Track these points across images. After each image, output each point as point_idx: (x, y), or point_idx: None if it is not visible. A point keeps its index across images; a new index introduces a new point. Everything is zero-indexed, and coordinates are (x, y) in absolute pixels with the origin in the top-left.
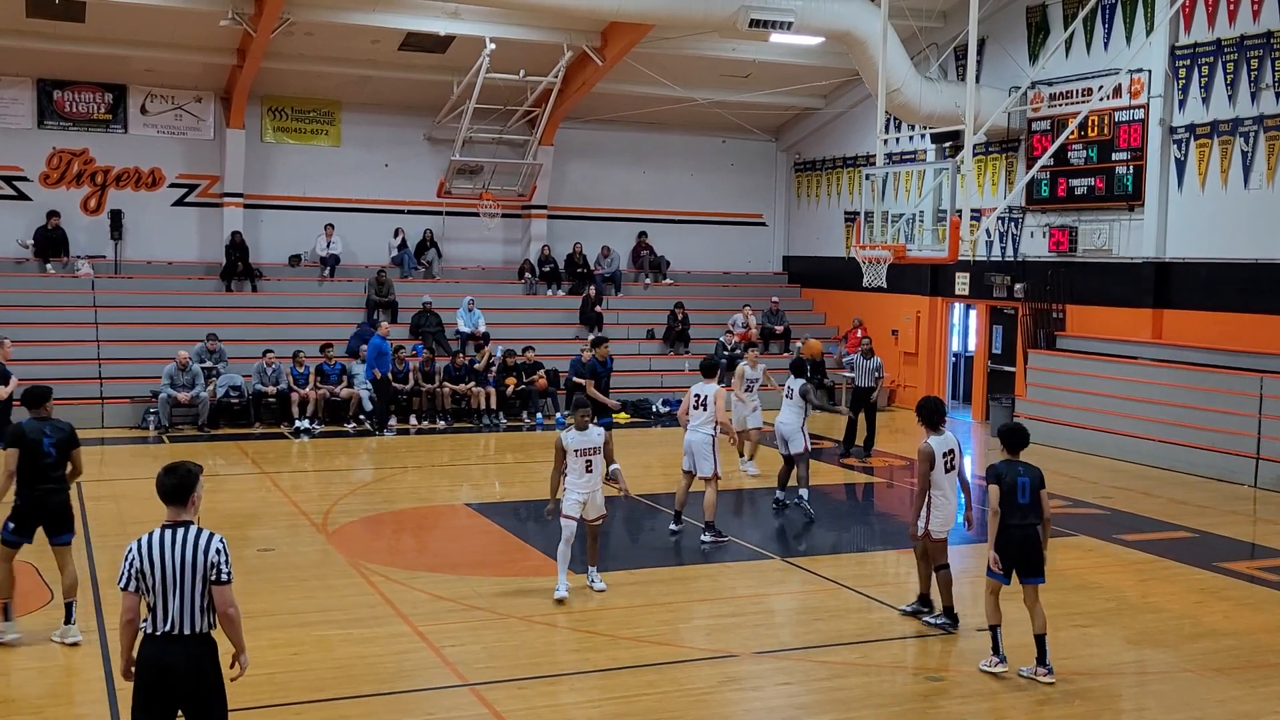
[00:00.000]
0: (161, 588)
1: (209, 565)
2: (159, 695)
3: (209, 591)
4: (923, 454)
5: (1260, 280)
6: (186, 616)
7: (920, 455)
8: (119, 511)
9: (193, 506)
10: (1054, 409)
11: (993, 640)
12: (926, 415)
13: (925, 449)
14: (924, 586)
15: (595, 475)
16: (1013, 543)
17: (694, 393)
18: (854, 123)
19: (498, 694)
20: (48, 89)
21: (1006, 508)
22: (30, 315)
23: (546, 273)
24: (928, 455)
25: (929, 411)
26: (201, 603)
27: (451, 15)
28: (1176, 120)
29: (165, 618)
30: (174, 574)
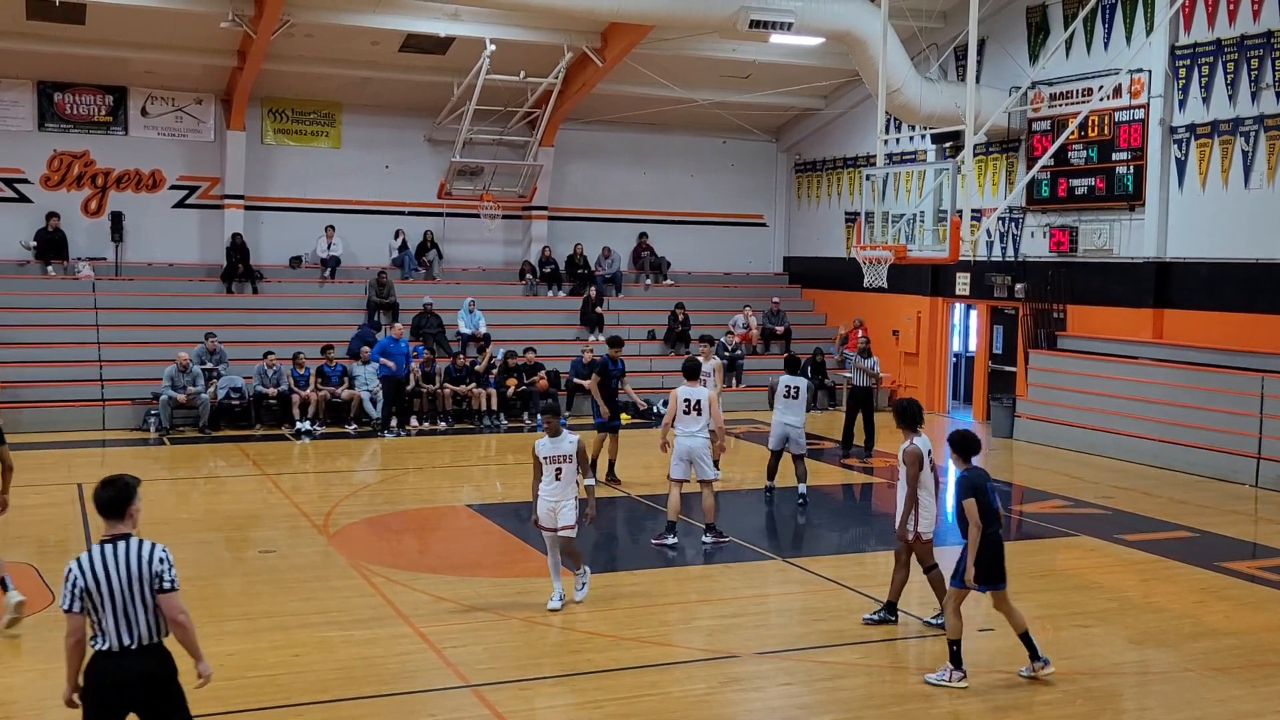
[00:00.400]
0: (110, 603)
1: (154, 575)
2: (115, 710)
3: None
4: (912, 455)
5: (1261, 280)
6: (139, 629)
7: (909, 457)
8: None
9: (131, 519)
10: (1055, 409)
11: (953, 654)
12: (908, 417)
13: (914, 450)
14: (895, 594)
15: (564, 485)
16: (993, 551)
17: (683, 397)
18: (854, 123)
19: (500, 695)
20: (48, 91)
21: (986, 517)
22: (31, 318)
23: (547, 274)
24: (917, 456)
25: (910, 413)
26: (152, 614)
27: (452, 17)
28: (1177, 120)
29: (117, 633)
30: (122, 588)
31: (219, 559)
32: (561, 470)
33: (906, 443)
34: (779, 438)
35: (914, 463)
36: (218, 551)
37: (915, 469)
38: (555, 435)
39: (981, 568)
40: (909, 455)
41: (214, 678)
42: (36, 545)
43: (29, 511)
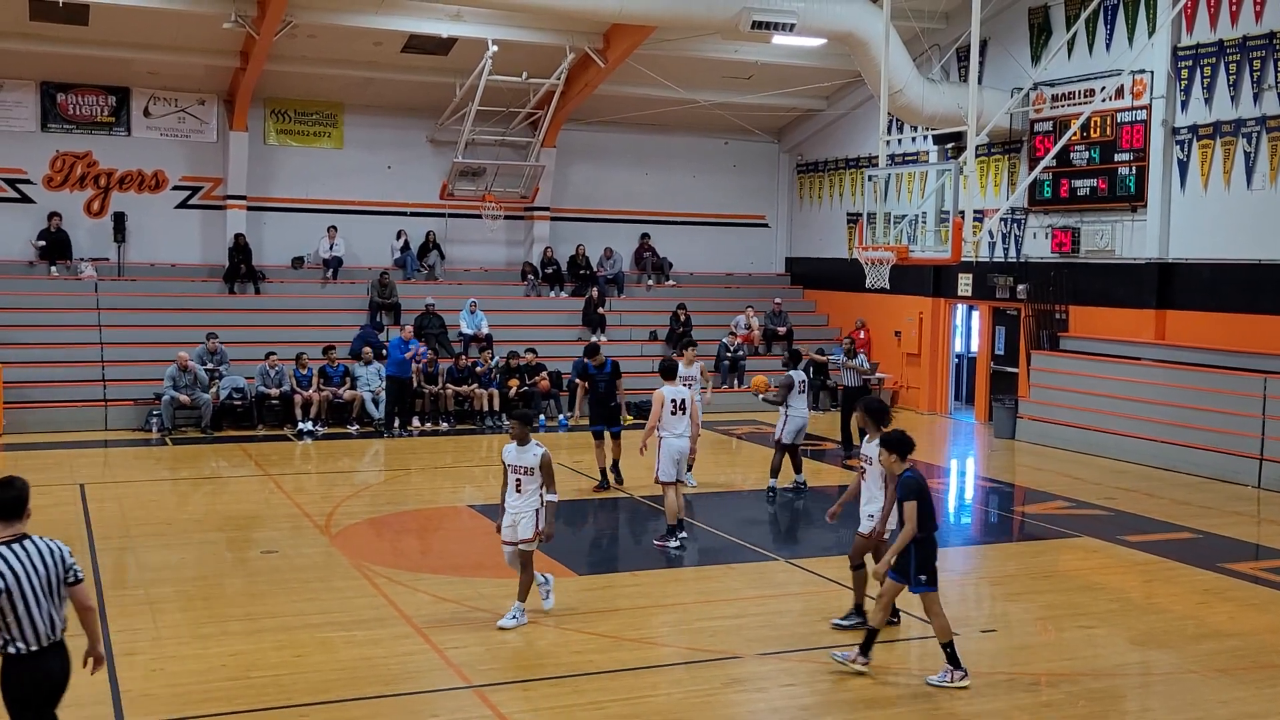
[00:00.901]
0: (25, 604)
1: (66, 569)
2: (34, 709)
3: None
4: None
5: (1263, 281)
6: (52, 626)
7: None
8: (122, 513)
9: (28, 518)
10: (1057, 410)
11: (949, 655)
12: (879, 416)
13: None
14: (861, 597)
15: (525, 497)
16: (932, 553)
17: (670, 398)
18: (856, 124)
19: (502, 696)
20: (51, 92)
21: (927, 518)
22: (34, 318)
23: (549, 274)
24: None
25: (883, 412)
26: (59, 610)
27: (454, 17)
28: (1179, 121)
29: (35, 632)
30: (40, 586)
31: (221, 559)
32: (521, 481)
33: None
34: (797, 431)
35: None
36: (220, 552)
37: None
38: (522, 443)
39: (928, 568)
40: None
41: (217, 678)
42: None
43: (32, 511)
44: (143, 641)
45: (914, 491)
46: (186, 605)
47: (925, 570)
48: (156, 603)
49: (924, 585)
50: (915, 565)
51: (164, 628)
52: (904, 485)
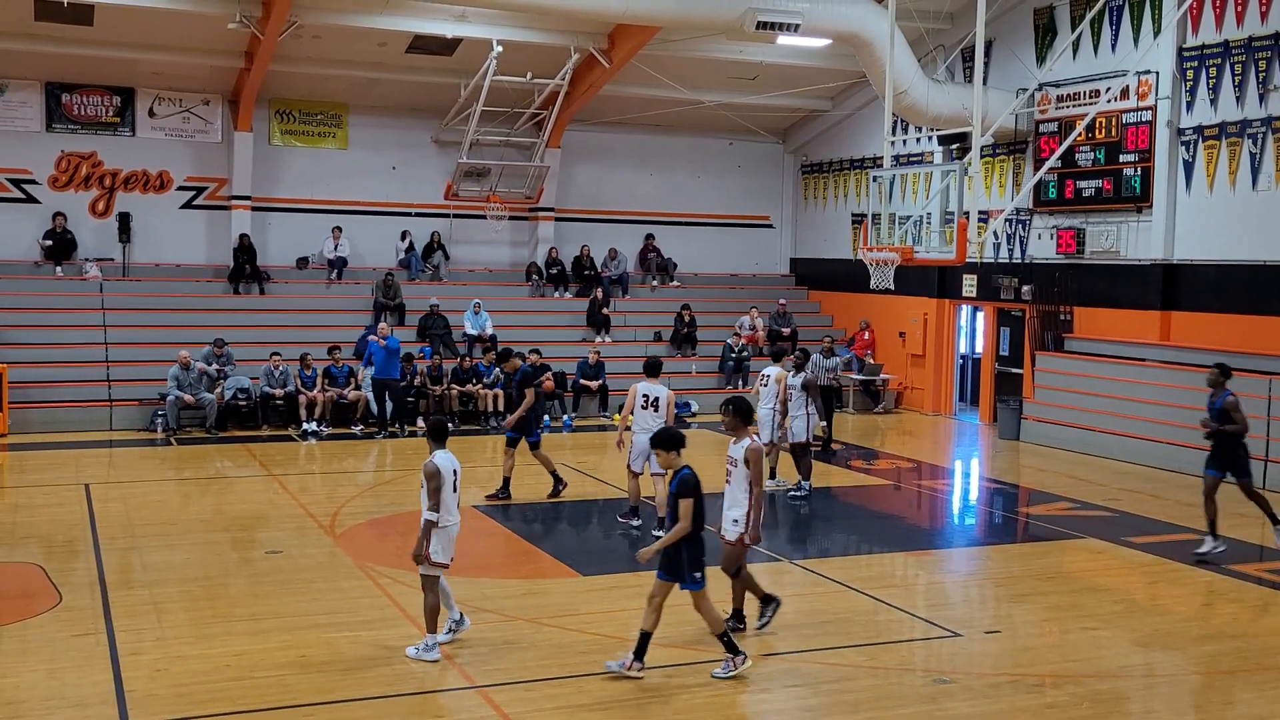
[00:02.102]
0: None
1: None
2: None
3: None
4: (758, 453)
5: (1268, 282)
6: None
7: (756, 455)
8: (127, 513)
9: None
10: (1062, 411)
11: (642, 645)
12: (744, 414)
13: (759, 447)
14: (740, 600)
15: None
16: (702, 550)
17: (643, 393)
18: (861, 125)
19: (505, 696)
20: (56, 92)
21: (700, 515)
22: (39, 318)
23: (554, 275)
24: (762, 454)
25: (747, 412)
26: None
27: (459, 18)
28: (1184, 122)
29: None
30: None
31: (226, 559)
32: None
33: (748, 440)
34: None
35: (761, 462)
36: (225, 552)
37: (761, 465)
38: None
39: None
40: (757, 454)
41: (222, 678)
42: (44, 545)
43: (37, 511)
44: (147, 641)
45: (690, 489)
46: (191, 605)
47: (699, 568)
48: (161, 603)
49: (697, 583)
50: (688, 562)
51: (169, 628)
52: (681, 482)
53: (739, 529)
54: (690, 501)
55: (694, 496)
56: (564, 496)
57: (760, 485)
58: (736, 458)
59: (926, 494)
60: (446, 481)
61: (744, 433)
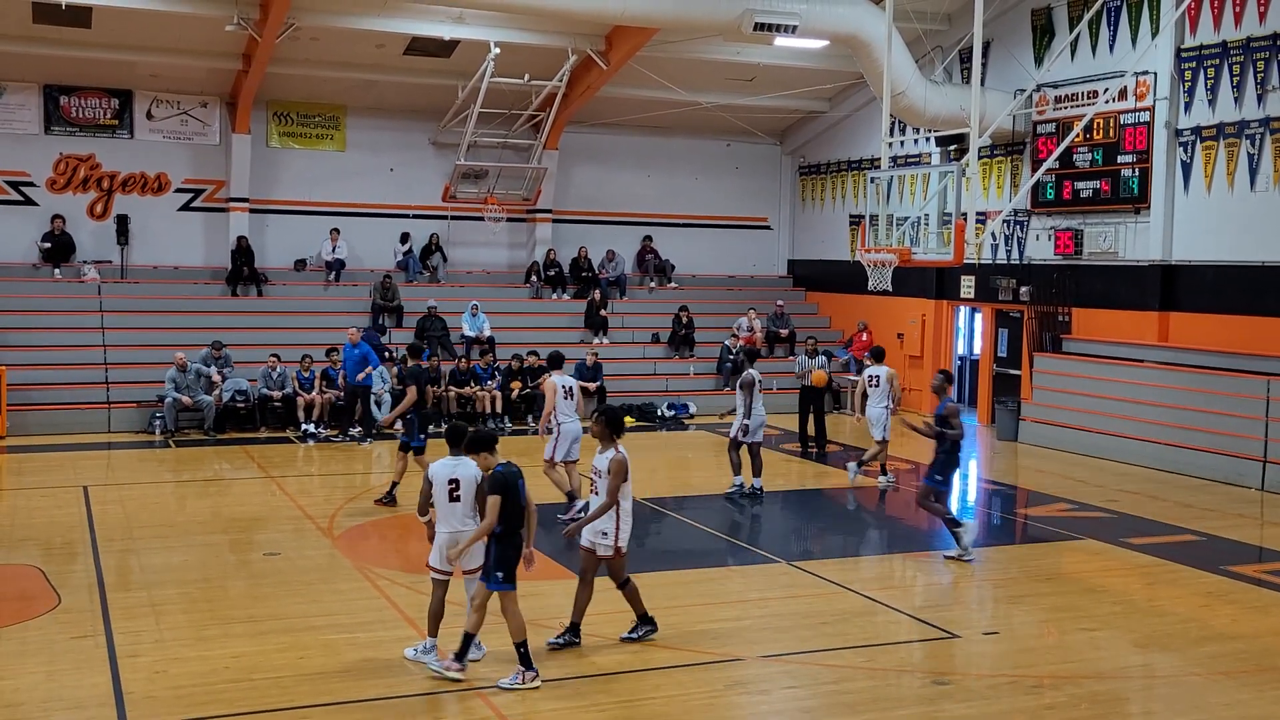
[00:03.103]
0: None
1: None
2: None
3: None
4: (621, 465)
5: (1266, 283)
6: None
7: (618, 466)
8: (125, 515)
9: None
10: (1060, 412)
11: (521, 655)
12: (614, 425)
13: (622, 459)
14: (579, 614)
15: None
16: (514, 552)
17: (560, 385)
18: (859, 126)
19: (504, 698)
20: (54, 94)
21: (512, 517)
22: (37, 320)
23: (551, 276)
24: (624, 466)
25: (618, 422)
26: None
27: (456, 20)
28: (1182, 123)
29: None
30: None
31: (224, 561)
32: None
33: (612, 451)
34: (759, 428)
35: (621, 473)
36: (223, 554)
37: (621, 479)
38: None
39: (506, 567)
40: (618, 465)
41: (220, 680)
42: (42, 547)
43: (35, 513)
44: (146, 644)
45: (499, 486)
46: (189, 607)
47: (503, 568)
48: (159, 605)
49: (501, 583)
50: (493, 562)
51: (167, 630)
52: (492, 479)
53: (609, 541)
54: (497, 499)
55: (503, 494)
56: (561, 498)
57: (612, 497)
58: (601, 468)
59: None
60: (440, 488)
61: (610, 444)
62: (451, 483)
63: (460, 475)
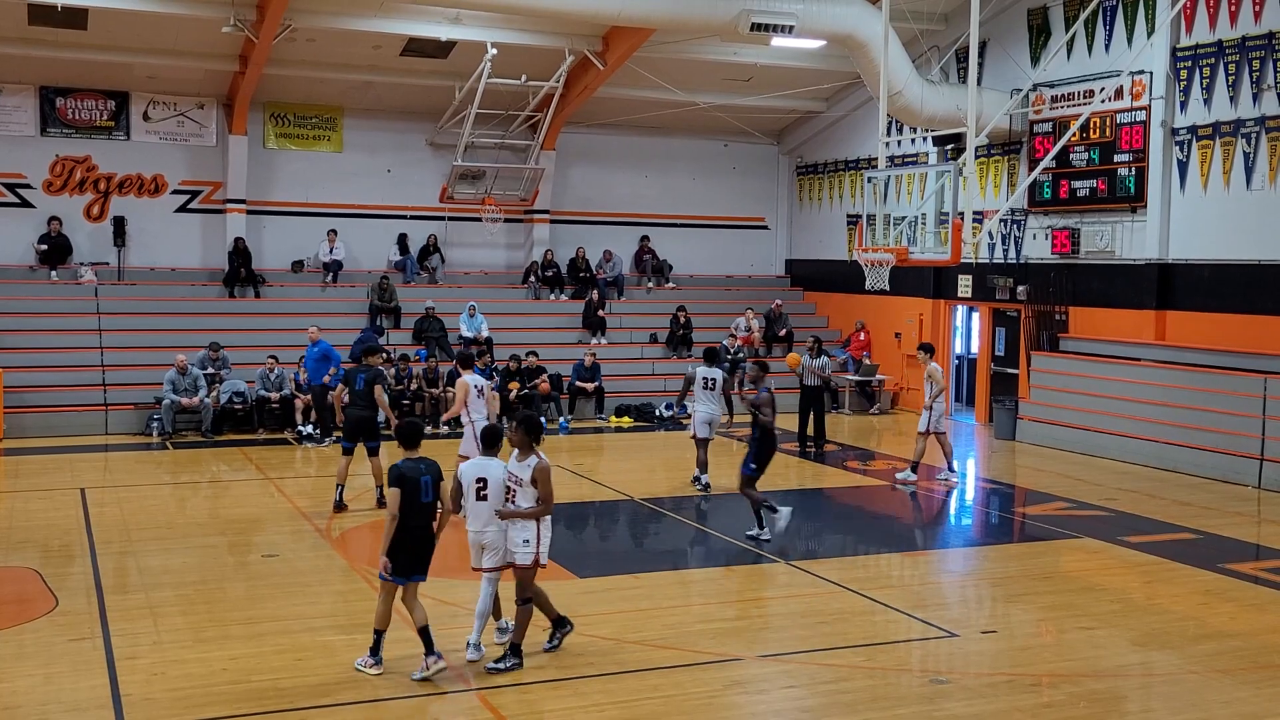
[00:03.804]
0: None
1: None
2: None
3: None
4: (548, 472)
5: (1263, 281)
6: None
7: (545, 475)
8: (123, 518)
9: None
10: (1057, 411)
11: (376, 643)
12: (534, 431)
13: (548, 466)
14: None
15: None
16: (416, 544)
17: (473, 385)
18: (856, 126)
19: (503, 699)
20: (50, 96)
21: (409, 509)
22: (34, 322)
23: (549, 277)
24: (549, 472)
25: (535, 427)
26: None
27: (453, 20)
28: (1178, 122)
29: None
30: None
31: (222, 563)
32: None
33: (535, 458)
34: (704, 425)
35: (548, 479)
36: (221, 556)
37: (551, 484)
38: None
39: (401, 559)
40: (545, 472)
41: (218, 682)
42: (40, 549)
43: (33, 516)
44: (144, 646)
45: (396, 480)
46: (187, 609)
47: (393, 560)
48: (157, 607)
49: (388, 575)
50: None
51: (165, 632)
52: (392, 470)
53: (530, 549)
54: (396, 492)
55: (401, 488)
56: (560, 499)
57: (549, 504)
58: (522, 477)
59: (923, 494)
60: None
61: (529, 451)
62: (479, 481)
63: (488, 475)
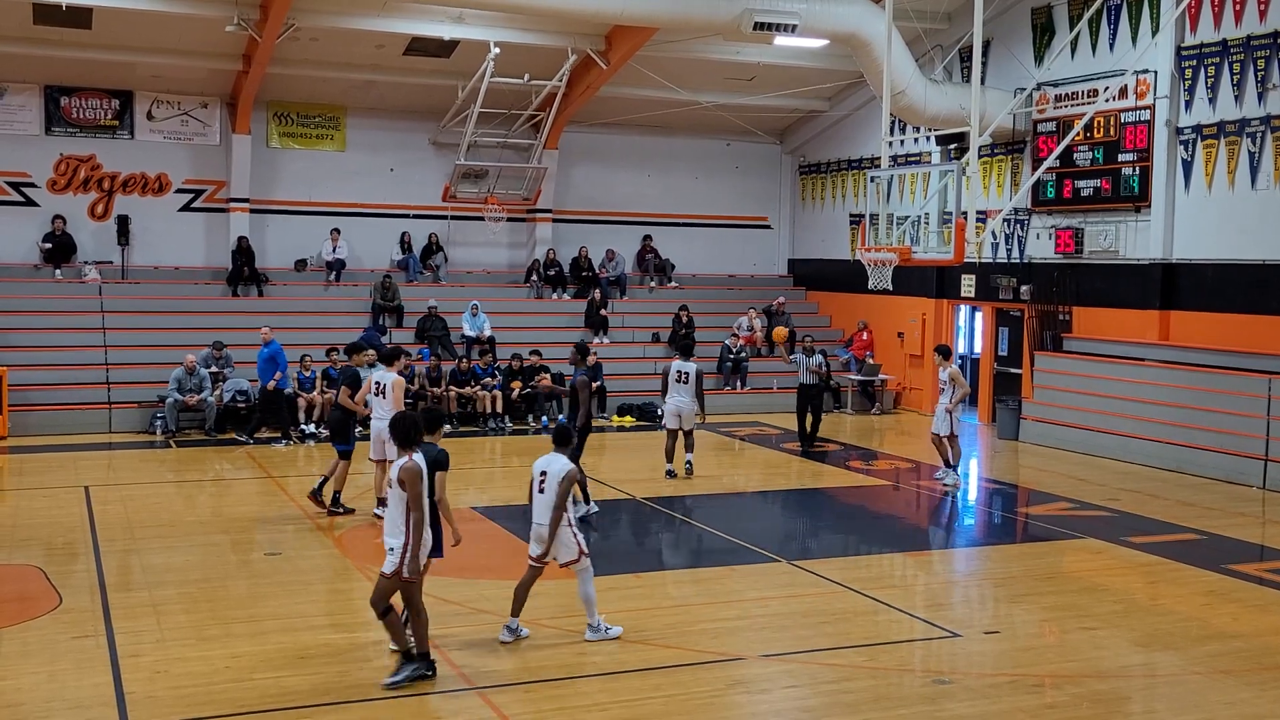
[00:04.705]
0: None
1: None
2: None
3: None
4: (414, 473)
5: (1267, 281)
6: None
7: (412, 477)
8: (126, 516)
9: None
10: (1060, 411)
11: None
12: (405, 432)
13: (415, 467)
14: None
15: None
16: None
17: (375, 380)
18: (859, 125)
19: (505, 698)
20: (55, 95)
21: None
22: (38, 321)
23: (552, 276)
24: (418, 474)
25: (406, 432)
26: None
27: (456, 20)
28: (1183, 121)
29: None
30: None
31: (225, 561)
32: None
33: (404, 459)
34: (673, 416)
35: (417, 481)
36: (224, 554)
37: (418, 487)
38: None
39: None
40: (410, 473)
41: (221, 680)
42: (44, 547)
43: (36, 513)
44: (147, 644)
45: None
46: (191, 607)
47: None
48: (160, 605)
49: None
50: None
51: (168, 630)
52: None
53: (393, 559)
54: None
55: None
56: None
57: (417, 506)
58: (391, 477)
59: (925, 494)
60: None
61: (403, 452)
62: (541, 475)
63: (549, 468)
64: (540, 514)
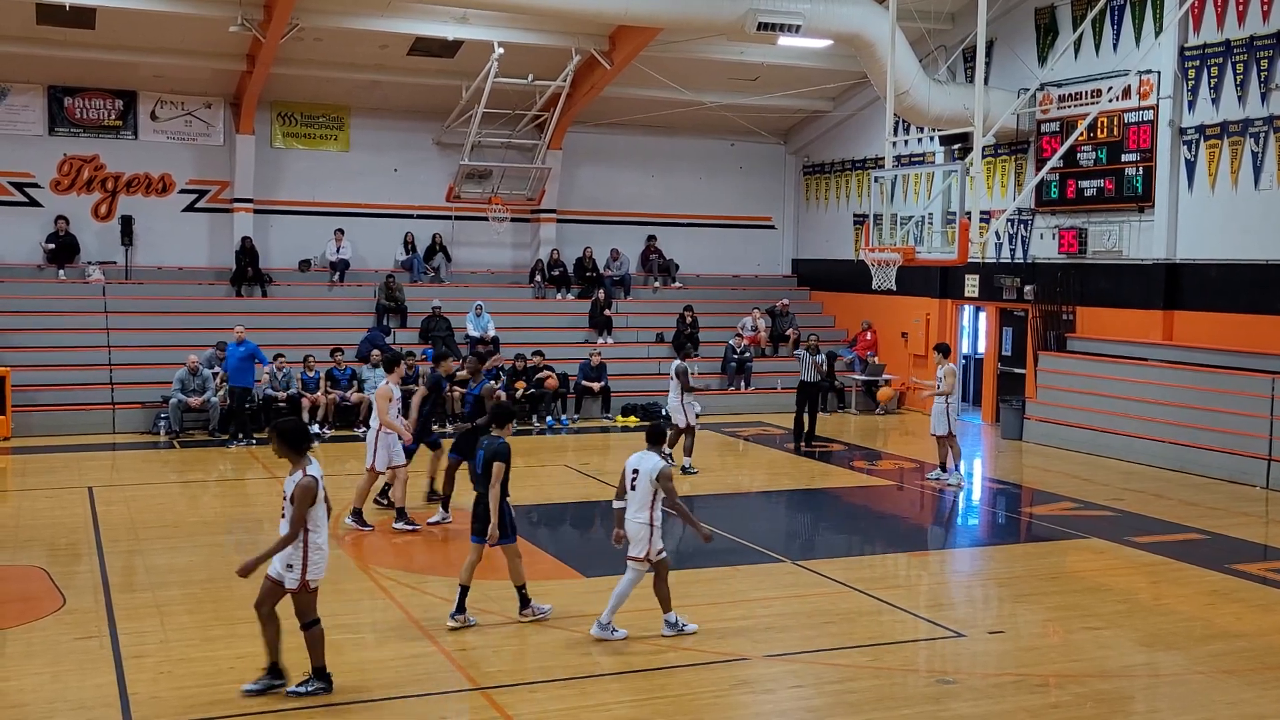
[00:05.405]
0: None
1: None
2: None
3: None
4: (308, 490)
5: (1271, 281)
6: None
7: (303, 492)
8: (130, 516)
9: None
10: (1064, 411)
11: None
12: (295, 443)
13: (310, 482)
14: (275, 653)
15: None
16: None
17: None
18: (862, 125)
19: (509, 698)
20: (58, 96)
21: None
22: (41, 321)
23: (556, 276)
24: (312, 490)
25: (295, 439)
26: None
27: (460, 20)
28: (1186, 121)
29: None
30: None
31: (229, 562)
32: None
33: (299, 474)
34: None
35: (307, 498)
36: (228, 554)
37: (308, 505)
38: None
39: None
40: (305, 488)
41: (225, 680)
42: (47, 548)
43: (40, 514)
44: (151, 644)
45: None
46: (195, 608)
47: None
48: (164, 605)
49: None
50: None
51: (172, 630)
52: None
53: (295, 575)
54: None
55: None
56: (567, 498)
57: (296, 528)
58: (286, 492)
59: (929, 494)
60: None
61: (297, 464)
62: (633, 472)
63: (640, 466)
64: (634, 511)
